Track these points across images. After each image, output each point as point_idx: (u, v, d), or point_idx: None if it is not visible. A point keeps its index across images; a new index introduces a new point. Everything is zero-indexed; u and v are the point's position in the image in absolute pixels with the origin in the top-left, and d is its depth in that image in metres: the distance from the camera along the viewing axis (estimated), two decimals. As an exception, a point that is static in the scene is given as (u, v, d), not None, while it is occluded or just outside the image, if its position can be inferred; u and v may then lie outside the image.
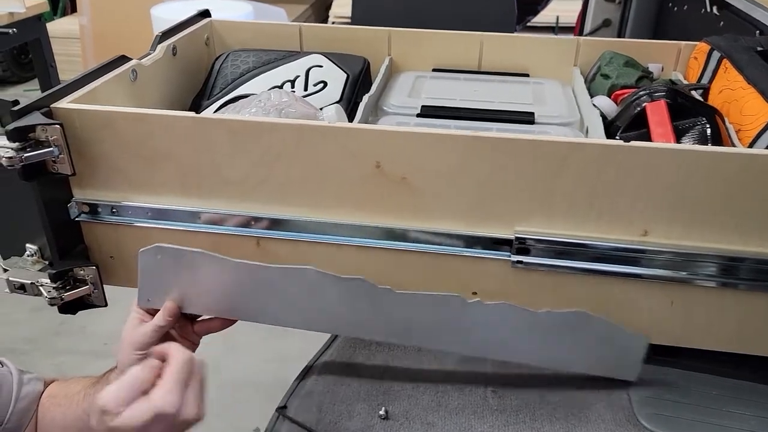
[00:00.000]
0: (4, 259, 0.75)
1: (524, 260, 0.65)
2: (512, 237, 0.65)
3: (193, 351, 0.69)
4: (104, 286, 0.75)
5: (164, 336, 0.66)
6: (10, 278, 0.71)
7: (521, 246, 0.65)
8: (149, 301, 0.67)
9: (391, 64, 1.00)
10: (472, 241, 0.66)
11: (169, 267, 0.66)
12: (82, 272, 0.72)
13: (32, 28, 2.16)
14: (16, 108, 0.64)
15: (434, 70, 1.01)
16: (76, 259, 0.72)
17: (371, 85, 0.93)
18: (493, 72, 0.99)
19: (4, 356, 0.69)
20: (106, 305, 0.74)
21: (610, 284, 0.66)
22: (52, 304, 0.70)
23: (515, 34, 1.07)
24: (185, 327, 0.70)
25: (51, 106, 0.67)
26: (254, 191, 0.69)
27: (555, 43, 1.00)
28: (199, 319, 0.71)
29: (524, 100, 0.89)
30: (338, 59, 0.96)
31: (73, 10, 3.69)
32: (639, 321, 0.67)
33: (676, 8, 1.40)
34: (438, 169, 0.64)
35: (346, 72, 0.94)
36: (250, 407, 1.60)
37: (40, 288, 0.70)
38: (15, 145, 0.63)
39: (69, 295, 0.71)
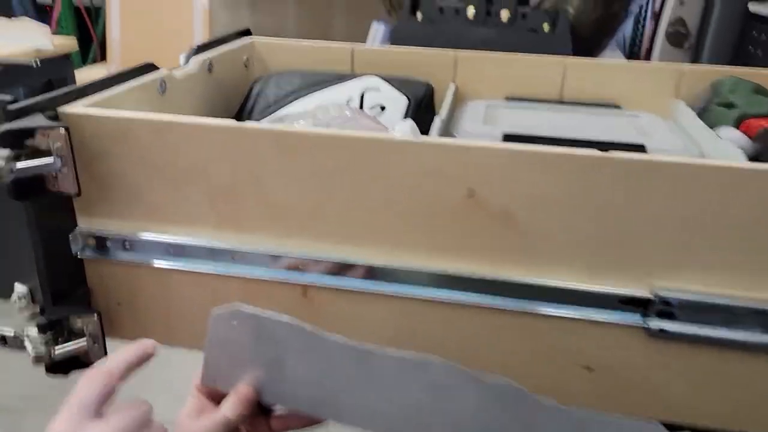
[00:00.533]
0: (-14, 301, 0.60)
1: (668, 328, 0.48)
2: (651, 296, 0.48)
3: None
4: (106, 339, 0.59)
5: None
6: (-11, 327, 0.55)
7: (664, 309, 0.48)
8: (216, 381, 0.49)
9: (456, 92, 0.86)
10: (592, 300, 0.50)
11: (247, 339, 0.47)
12: (79, 322, 0.56)
13: (59, 66, 2.09)
14: (13, 107, 0.50)
15: (507, 98, 0.87)
16: (75, 306, 0.57)
17: (434, 113, 0.79)
18: (577, 102, 0.85)
19: None
20: (106, 365, 0.58)
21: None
22: (37, 363, 0.54)
23: (603, 60, 0.94)
24: (258, 422, 0.50)
25: (58, 108, 0.53)
26: (307, 225, 0.53)
27: (651, 70, 0.86)
28: (277, 413, 0.51)
29: (625, 132, 0.74)
30: (398, 83, 0.82)
31: (103, 58, 3.68)
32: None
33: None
34: (550, 199, 0.48)
35: (407, 97, 0.80)
36: None
37: (25, 341, 0.54)
38: (6, 152, 0.48)
39: (61, 351, 0.55)
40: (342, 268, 0.53)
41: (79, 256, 0.57)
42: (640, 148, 0.67)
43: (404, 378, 0.45)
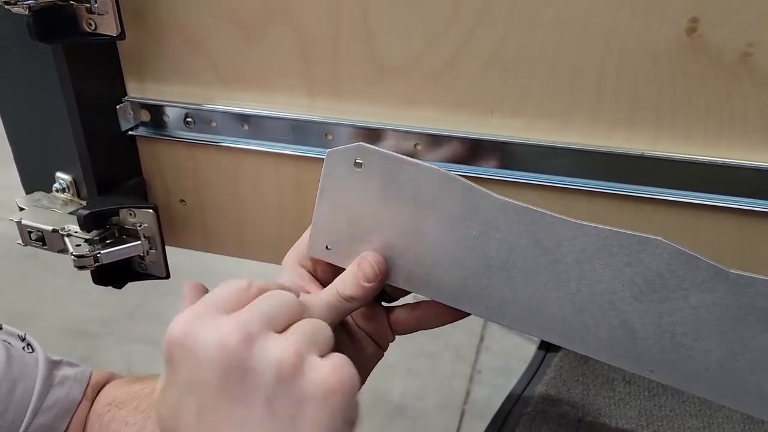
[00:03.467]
0: (26, 193, 0.48)
1: None
2: None
3: (377, 360, 0.37)
4: (167, 248, 0.46)
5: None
6: (24, 222, 0.43)
7: None
8: (329, 249, 0.35)
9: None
10: None
11: (374, 188, 0.33)
12: (132, 218, 0.43)
13: None
14: None
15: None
16: (126, 198, 0.44)
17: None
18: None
19: (75, 338, 0.41)
20: (167, 276, 0.45)
21: None
22: (80, 266, 0.41)
23: None
24: (377, 314, 0.37)
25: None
26: (433, 85, 0.38)
27: None
28: (401, 304, 0.37)
29: None
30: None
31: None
32: None
33: None
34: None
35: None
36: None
37: (65, 239, 0.42)
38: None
39: (107, 252, 0.42)
40: (485, 149, 0.38)
41: (130, 134, 0.44)
42: None
43: (611, 267, 0.29)
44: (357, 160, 0.32)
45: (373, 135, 0.39)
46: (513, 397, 0.56)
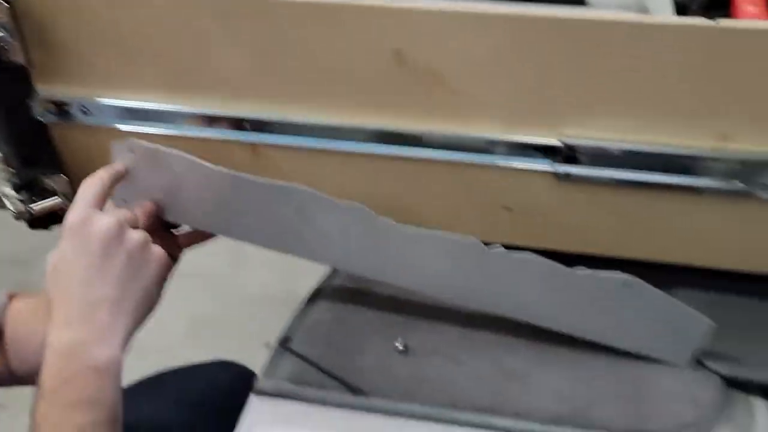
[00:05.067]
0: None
1: (572, 172, 0.54)
2: (559, 144, 0.54)
3: (173, 265, 0.60)
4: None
5: None
6: (-28, 188, 0.61)
7: (570, 154, 0.54)
8: (125, 201, 0.59)
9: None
10: (509, 148, 0.55)
11: (146, 167, 0.57)
12: (50, 182, 0.62)
13: None
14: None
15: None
16: (44, 168, 0.62)
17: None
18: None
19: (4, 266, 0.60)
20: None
21: (670, 199, 0.55)
22: (18, 218, 0.61)
23: None
24: (167, 238, 0.61)
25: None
26: (250, 86, 0.57)
27: None
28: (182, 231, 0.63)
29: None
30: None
31: None
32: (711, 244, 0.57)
33: None
34: (474, 57, 0.52)
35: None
36: (261, 322, 1.55)
37: (4, 200, 0.60)
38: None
39: (38, 207, 0.61)
40: (284, 127, 0.58)
41: (42, 121, 0.62)
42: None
43: (276, 201, 0.55)
44: (129, 150, 0.57)
45: (208, 119, 0.59)
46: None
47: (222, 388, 0.74)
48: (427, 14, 0.51)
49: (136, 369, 0.74)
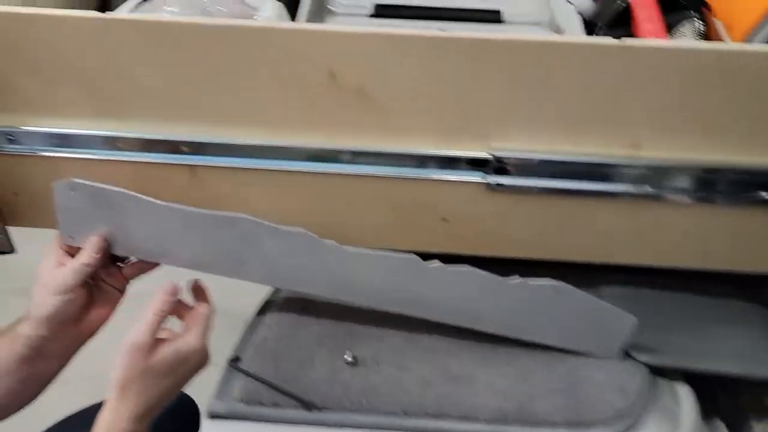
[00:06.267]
0: None
1: (503, 182, 0.57)
2: (489, 156, 0.56)
3: (119, 299, 0.61)
4: (9, 228, 0.63)
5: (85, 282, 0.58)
6: None
7: (499, 166, 0.56)
8: (72, 238, 0.58)
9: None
10: (442, 162, 0.57)
11: (89, 204, 0.57)
12: (-22, 215, 0.60)
13: None
14: None
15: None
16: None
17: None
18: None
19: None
20: (11, 251, 0.63)
21: (589, 204, 0.59)
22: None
23: None
24: (113, 272, 0.61)
25: None
26: (182, 110, 0.57)
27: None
28: (129, 262, 0.62)
29: (490, -4, 0.78)
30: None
31: None
32: (627, 242, 0.61)
33: None
34: (399, 76, 0.54)
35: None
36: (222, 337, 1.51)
37: (-72, 235, 0.58)
38: None
39: (-35, 241, 0.59)
40: (220, 148, 0.58)
41: (-36, 153, 0.59)
42: (495, 14, 0.71)
43: (220, 230, 0.56)
44: (71, 190, 0.56)
45: (140, 143, 0.59)
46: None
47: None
48: (356, 37, 0.53)
49: (75, 397, 0.72)
